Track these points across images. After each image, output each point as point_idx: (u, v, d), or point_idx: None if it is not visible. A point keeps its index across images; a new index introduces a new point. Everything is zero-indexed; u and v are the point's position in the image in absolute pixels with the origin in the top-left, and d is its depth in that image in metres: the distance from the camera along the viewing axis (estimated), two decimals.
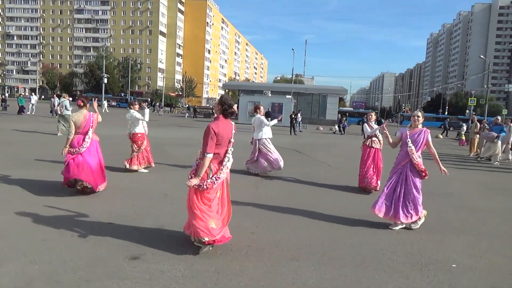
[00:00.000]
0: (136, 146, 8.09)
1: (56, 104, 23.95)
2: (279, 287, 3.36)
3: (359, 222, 5.43)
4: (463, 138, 24.28)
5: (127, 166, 8.07)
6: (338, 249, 4.32)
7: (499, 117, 15.40)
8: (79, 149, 5.98)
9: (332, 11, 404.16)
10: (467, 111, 77.50)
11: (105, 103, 46.93)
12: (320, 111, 39.42)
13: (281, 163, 8.75)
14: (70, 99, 17.23)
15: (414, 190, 5.10)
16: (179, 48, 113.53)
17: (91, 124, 6.13)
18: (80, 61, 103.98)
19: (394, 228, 5.15)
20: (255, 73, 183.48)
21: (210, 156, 3.80)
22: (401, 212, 5.05)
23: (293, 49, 52.00)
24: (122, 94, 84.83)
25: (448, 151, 18.54)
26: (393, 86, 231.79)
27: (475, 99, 47.67)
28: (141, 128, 8.13)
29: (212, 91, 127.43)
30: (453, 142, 25.87)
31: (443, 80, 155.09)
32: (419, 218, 5.17)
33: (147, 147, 8.30)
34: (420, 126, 5.25)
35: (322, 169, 10.52)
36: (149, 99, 73.34)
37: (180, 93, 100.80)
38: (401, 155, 5.27)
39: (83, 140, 6.05)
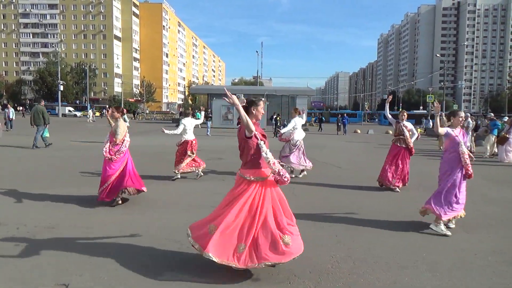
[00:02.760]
0: (191, 152, 8.41)
1: (10, 115, 22.33)
2: None
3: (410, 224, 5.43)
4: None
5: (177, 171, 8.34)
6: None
7: (491, 113, 16.35)
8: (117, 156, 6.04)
9: (284, 13, 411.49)
10: (421, 107, 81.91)
11: (90, 112, 46.14)
12: (289, 112, 39.73)
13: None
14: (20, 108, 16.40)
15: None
16: (136, 52, 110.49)
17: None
18: (29, 67, 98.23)
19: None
20: (214, 76, 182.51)
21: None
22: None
23: (257, 52, 52.15)
24: (77, 102, 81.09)
25: (424, 146, 19.37)
26: (348, 85, 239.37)
27: (433, 96, 50.40)
28: (191, 135, 8.46)
29: (171, 95, 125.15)
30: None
31: (395, 78, 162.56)
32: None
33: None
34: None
35: (331, 170, 10.56)
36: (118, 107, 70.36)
37: (139, 99, 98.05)
38: (453, 157, 5.14)
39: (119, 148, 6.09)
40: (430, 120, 34.14)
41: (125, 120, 7.83)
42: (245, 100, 3.60)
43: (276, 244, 3.35)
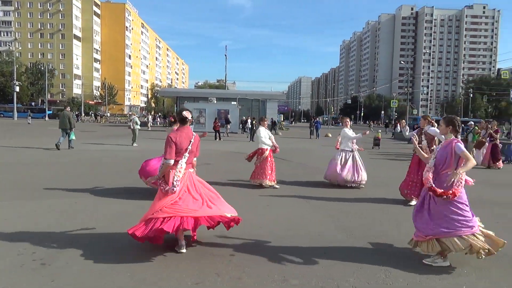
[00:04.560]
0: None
1: None
2: None
3: None
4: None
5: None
6: None
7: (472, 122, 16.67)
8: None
9: (248, 18, 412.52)
10: (382, 112, 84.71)
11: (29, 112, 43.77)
12: (259, 116, 39.58)
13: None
14: None
15: None
16: (97, 53, 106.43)
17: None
18: None
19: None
20: (177, 79, 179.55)
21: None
22: None
23: (225, 55, 51.53)
24: (33, 104, 76.60)
25: (396, 150, 19.74)
26: (310, 89, 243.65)
27: (397, 101, 52.16)
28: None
29: (134, 98, 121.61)
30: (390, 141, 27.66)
31: (356, 83, 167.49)
32: None
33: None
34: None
35: None
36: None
37: (100, 101, 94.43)
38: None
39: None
40: (398, 125, 35.00)
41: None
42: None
43: None
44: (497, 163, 13.08)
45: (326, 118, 69.08)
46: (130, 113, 25.25)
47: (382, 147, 21.40)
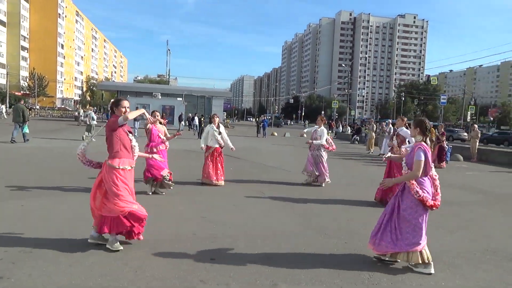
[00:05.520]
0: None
1: None
2: None
3: None
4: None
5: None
6: None
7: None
8: None
9: (189, 14, 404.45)
10: (322, 112, 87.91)
11: (3, 107, 39.48)
12: (205, 113, 39.05)
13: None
14: None
15: None
16: (25, 41, 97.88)
17: None
18: None
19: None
20: (115, 72, 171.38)
21: None
22: None
23: (169, 50, 50.04)
24: None
25: (350, 150, 20.50)
26: (253, 88, 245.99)
27: (337, 102, 54.32)
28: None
29: (67, 90, 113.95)
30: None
31: (298, 84, 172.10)
32: None
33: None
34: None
35: (296, 177, 10.29)
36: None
37: (28, 93, 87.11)
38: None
39: None
40: (341, 125, 36.53)
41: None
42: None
43: None
44: (442, 164, 14.00)
45: (270, 117, 70.00)
46: (83, 108, 25.92)
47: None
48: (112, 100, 5.09)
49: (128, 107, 4.19)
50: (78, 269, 3.54)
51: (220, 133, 8.28)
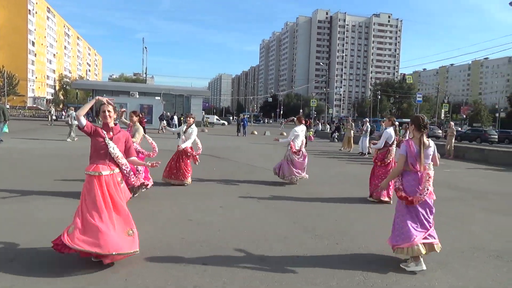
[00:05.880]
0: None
1: None
2: None
3: None
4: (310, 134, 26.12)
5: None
6: None
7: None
8: None
9: (166, 11, 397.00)
10: (300, 110, 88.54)
11: None
12: (184, 112, 38.63)
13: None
14: None
15: None
16: None
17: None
18: None
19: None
20: (89, 70, 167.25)
21: None
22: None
23: (146, 47, 49.18)
24: None
25: (330, 148, 20.66)
26: (231, 87, 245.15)
27: (316, 100, 54.80)
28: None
29: (39, 89, 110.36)
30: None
31: (276, 82, 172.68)
32: None
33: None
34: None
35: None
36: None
37: None
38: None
39: None
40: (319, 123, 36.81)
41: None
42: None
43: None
44: None
45: (249, 115, 69.89)
46: (56, 108, 25.49)
47: (309, 145, 22.17)
48: None
49: (109, 111, 3.79)
50: (66, 278, 3.37)
51: (185, 132, 8.11)
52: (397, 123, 8.16)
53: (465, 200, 7.99)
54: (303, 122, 9.05)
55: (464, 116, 72.92)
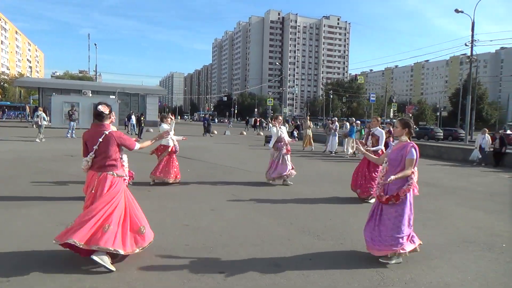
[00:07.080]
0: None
1: None
2: None
3: None
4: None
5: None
6: None
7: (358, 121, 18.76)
8: None
9: (112, 6, 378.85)
10: (255, 110, 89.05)
11: None
12: (139, 112, 37.33)
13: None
14: None
15: None
16: None
17: None
18: None
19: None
20: (30, 67, 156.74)
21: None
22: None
23: (95, 44, 46.93)
24: None
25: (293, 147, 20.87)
26: (183, 85, 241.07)
27: (272, 99, 55.28)
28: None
29: None
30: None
31: (229, 81, 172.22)
32: None
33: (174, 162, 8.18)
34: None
35: (251, 175, 10.11)
36: None
37: None
38: None
39: None
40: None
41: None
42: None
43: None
44: None
45: (204, 114, 68.99)
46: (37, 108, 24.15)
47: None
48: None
49: (106, 112, 4.05)
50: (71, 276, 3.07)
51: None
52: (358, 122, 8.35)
53: (438, 195, 8.35)
54: (280, 121, 9.07)
55: (410, 115, 77.20)
